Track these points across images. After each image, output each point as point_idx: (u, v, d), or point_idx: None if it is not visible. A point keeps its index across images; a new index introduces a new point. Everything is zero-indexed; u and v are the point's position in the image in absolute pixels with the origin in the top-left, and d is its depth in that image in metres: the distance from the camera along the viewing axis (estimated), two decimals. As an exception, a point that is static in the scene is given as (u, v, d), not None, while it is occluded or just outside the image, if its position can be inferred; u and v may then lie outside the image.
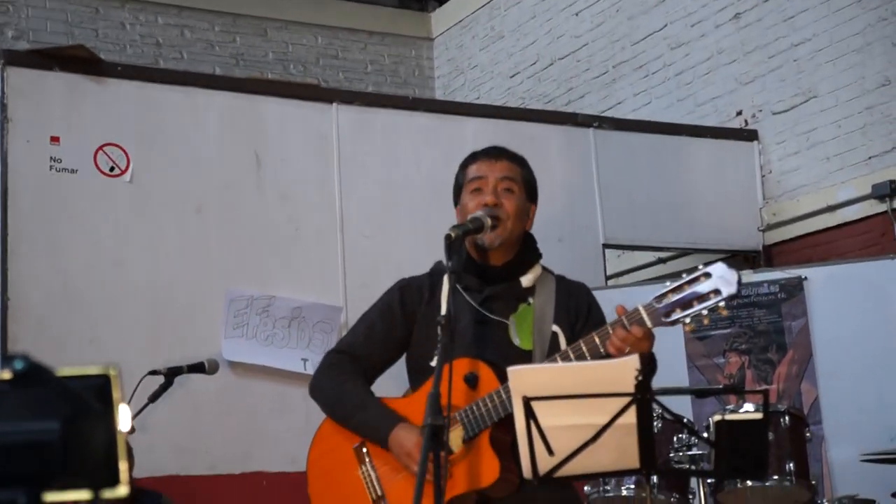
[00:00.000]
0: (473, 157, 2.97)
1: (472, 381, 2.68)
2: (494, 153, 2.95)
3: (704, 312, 2.56)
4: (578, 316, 2.86)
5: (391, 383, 3.04)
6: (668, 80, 6.65)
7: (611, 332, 2.61)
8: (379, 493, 2.76)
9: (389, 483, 2.76)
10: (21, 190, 4.43)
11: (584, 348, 2.64)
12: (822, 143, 5.81)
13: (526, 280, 2.86)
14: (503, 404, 2.64)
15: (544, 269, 2.95)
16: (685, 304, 2.57)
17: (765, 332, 5.03)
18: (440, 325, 2.54)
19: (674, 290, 2.58)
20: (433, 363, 2.75)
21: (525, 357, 2.75)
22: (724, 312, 2.58)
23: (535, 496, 2.70)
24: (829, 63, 5.76)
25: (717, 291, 2.55)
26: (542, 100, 7.51)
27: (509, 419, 2.61)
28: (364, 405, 2.80)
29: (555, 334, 2.81)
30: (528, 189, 2.95)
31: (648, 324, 2.58)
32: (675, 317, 2.57)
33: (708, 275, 2.57)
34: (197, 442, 4.55)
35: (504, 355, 2.72)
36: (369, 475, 2.78)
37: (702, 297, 2.56)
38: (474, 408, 2.67)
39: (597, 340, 2.64)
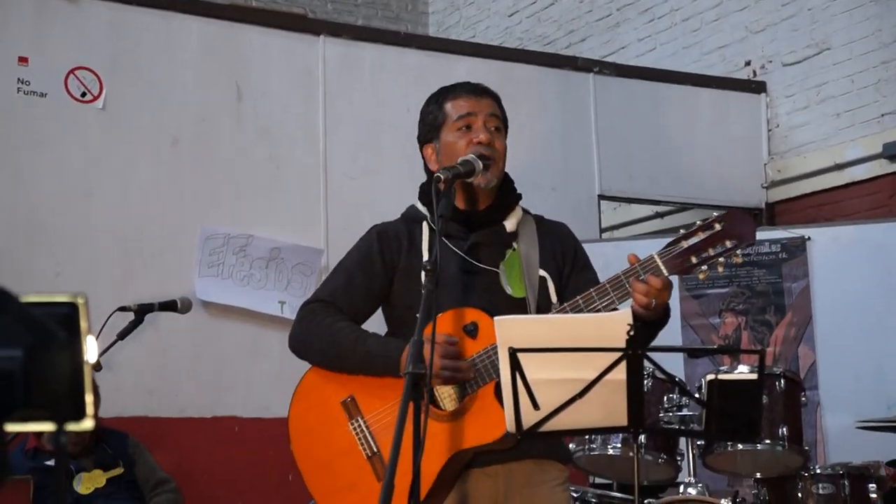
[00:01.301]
0: (453, 93, 2.86)
1: (472, 331, 2.66)
2: (478, 90, 2.88)
3: (721, 260, 2.55)
4: (565, 260, 2.82)
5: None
6: (674, 26, 6.61)
7: (626, 282, 2.59)
8: (374, 449, 2.70)
9: (384, 438, 2.68)
10: (-14, 112, 4.39)
11: (595, 297, 2.62)
12: (833, 99, 5.80)
13: (510, 224, 2.82)
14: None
15: (524, 210, 2.92)
16: (699, 249, 2.56)
17: (763, 292, 5.05)
18: (425, 271, 2.51)
19: (686, 237, 2.57)
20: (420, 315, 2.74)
21: (519, 305, 2.72)
22: (739, 260, 2.58)
23: (532, 450, 2.71)
24: (845, 14, 5.73)
25: (732, 238, 2.54)
26: (540, 41, 7.45)
27: None
28: (364, 338, 2.73)
29: (543, 279, 2.77)
30: (506, 129, 2.91)
31: (664, 272, 2.57)
32: (689, 264, 2.56)
33: (722, 220, 2.56)
34: (166, 383, 4.56)
35: (496, 305, 2.70)
36: (362, 430, 2.72)
37: (717, 244, 2.55)
38: (479, 358, 2.66)
39: (609, 289, 2.62)
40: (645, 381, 3.20)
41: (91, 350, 1.40)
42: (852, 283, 4.95)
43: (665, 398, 3.58)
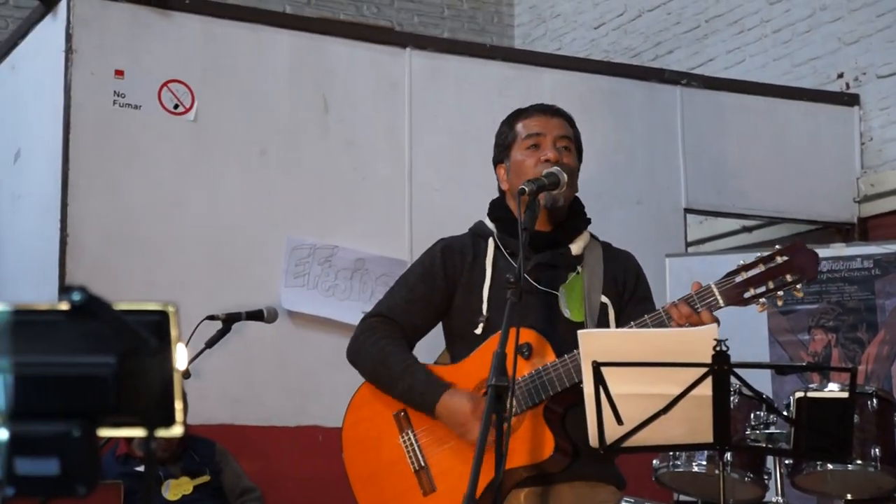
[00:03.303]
0: (525, 113, 2.93)
1: (525, 351, 2.67)
2: (549, 110, 2.92)
3: (779, 294, 2.53)
4: (626, 288, 2.83)
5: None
6: (764, 38, 6.52)
7: (677, 307, 2.58)
8: (422, 463, 2.75)
9: (432, 453, 2.75)
10: (83, 124, 4.50)
11: (664, 319, 2.62)
12: (930, 112, 5.66)
13: (575, 248, 2.83)
14: (560, 378, 2.63)
15: (591, 235, 2.91)
16: (759, 281, 2.54)
17: (855, 309, 4.94)
18: (508, 284, 2.52)
19: (747, 268, 2.56)
20: (478, 331, 2.76)
21: (577, 329, 2.72)
22: (799, 294, 2.55)
23: (583, 472, 2.70)
24: (943, 24, 5.60)
25: (794, 272, 2.52)
26: (627, 54, 7.41)
27: (564, 392, 2.61)
28: (411, 371, 2.76)
29: (604, 305, 2.78)
30: (579, 150, 2.91)
31: (721, 303, 2.57)
32: (748, 295, 2.55)
33: (784, 253, 2.54)
34: (251, 392, 4.63)
35: (554, 327, 2.71)
36: (411, 444, 2.77)
37: (777, 276, 2.53)
38: (528, 379, 2.65)
39: (664, 317, 2.62)
40: (731, 398, 3.15)
41: (181, 358, 1.44)
42: (948, 300, 4.82)
43: (752, 415, 3.52)
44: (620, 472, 2.86)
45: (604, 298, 2.78)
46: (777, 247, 2.56)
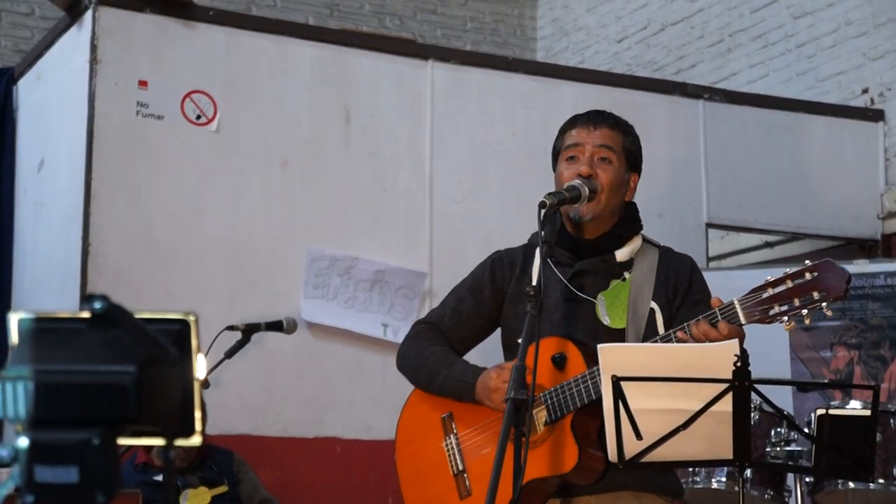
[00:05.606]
0: (573, 122, 2.94)
1: (559, 361, 2.68)
2: (595, 119, 2.91)
3: (804, 312, 2.49)
4: (677, 292, 2.80)
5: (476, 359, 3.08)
6: (788, 53, 6.50)
7: (698, 324, 2.57)
8: (460, 467, 2.81)
9: (472, 458, 2.80)
10: (107, 134, 4.53)
11: (673, 339, 2.61)
12: (955, 127, 5.62)
13: (621, 254, 2.83)
14: (588, 389, 2.63)
15: (647, 241, 2.90)
16: (784, 298, 2.50)
17: (878, 326, 4.90)
18: (528, 296, 2.53)
19: (774, 284, 2.52)
20: (521, 341, 2.77)
21: (616, 336, 2.73)
22: (829, 313, 2.50)
23: (625, 483, 2.69)
24: (968, 40, 5.57)
25: (822, 290, 2.47)
26: (649, 67, 7.40)
27: (596, 404, 2.61)
28: (449, 363, 2.86)
29: (652, 311, 2.77)
30: (630, 158, 2.90)
31: (742, 320, 2.53)
32: (772, 313, 2.51)
33: (814, 270, 2.49)
34: (270, 402, 4.64)
35: (593, 335, 2.71)
36: (452, 448, 2.84)
37: (804, 295, 2.49)
38: (560, 390, 2.66)
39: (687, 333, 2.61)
40: (752, 414, 3.14)
41: (200, 367, 1.44)
42: (973, 318, 4.78)
43: (772, 432, 3.51)
44: (673, 480, 2.82)
45: (653, 304, 2.77)
46: (806, 262, 2.51)
